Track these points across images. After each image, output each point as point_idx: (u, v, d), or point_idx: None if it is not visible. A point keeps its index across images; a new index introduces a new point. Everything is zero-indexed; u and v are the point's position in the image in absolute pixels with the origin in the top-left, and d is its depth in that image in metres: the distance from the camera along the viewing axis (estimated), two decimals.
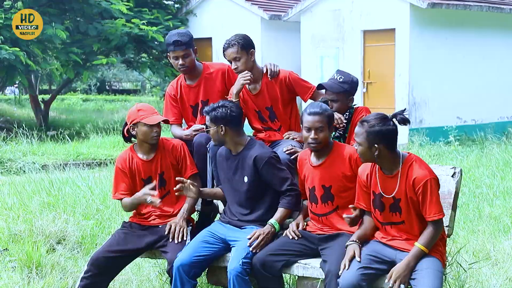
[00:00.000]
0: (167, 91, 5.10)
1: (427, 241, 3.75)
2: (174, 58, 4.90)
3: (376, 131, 3.74)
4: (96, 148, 13.70)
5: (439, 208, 3.75)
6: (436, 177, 3.80)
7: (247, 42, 4.76)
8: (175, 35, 4.89)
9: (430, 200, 3.73)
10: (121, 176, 4.61)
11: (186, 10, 19.41)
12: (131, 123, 4.55)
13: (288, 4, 18.24)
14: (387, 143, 3.77)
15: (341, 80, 4.64)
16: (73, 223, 6.33)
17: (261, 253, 4.13)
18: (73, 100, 30.68)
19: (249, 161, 4.37)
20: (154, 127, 4.52)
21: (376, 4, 14.98)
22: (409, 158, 3.82)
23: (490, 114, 15.82)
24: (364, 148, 3.79)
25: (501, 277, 5.01)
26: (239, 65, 4.72)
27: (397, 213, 3.85)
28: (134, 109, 4.59)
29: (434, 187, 3.75)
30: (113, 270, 4.49)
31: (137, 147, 4.65)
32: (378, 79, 15.20)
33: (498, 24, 15.84)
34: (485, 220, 6.76)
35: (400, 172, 3.80)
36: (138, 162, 4.60)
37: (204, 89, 4.98)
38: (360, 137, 3.79)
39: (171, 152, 4.64)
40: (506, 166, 9.62)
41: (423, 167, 3.78)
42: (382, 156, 3.79)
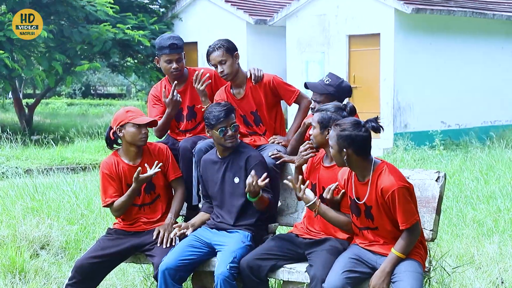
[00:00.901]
0: (151, 92, 5.07)
1: (403, 247, 3.75)
2: (167, 62, 4.87)
3: (345, 135, 3.75)
4: (81, 152, 13.63)
5: (410, 215, 3.72)
6: (404, 185, 3.74)
7: (231, 46, 4.77)
8: (170, 38, 4.87)
9: (399, 209, 3.72)
10: (108, 180, 4.54)
11: (171, 14, 19.40)
12: (118, 125, 4.49)
13: (274, 8, 18.28)
14: (357, 148, 3.76)
15: (328, 82, 4.64)
16: (57, 228, 6.29)
17: (248, 256, 4.14)
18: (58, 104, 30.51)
19: (241, 162, 4.39)
20: (142, 128, 4.49)
21: (361, 9, 15.05)
22: (380, 166, 3.81)
23: (474, 119, 15.94)
24: (334, 151, 3.82)
25: (485, 281, 5.04)
26: (225, 68, 4.72)
27: (369, 220, 3.86)
28: (122, 111, 4.56)
29: (403, 195, 3.71)
30: (97, 276, 4.46)
31: (122, 153, 4.59)
32: (363, 84, 15.26)
33: (481, 30, 15.98)
34: (469, 224, 6.80)
35: (370, 180, 3.80)
36: (124, 167, 4.55)
37: (190, 94, 4.97)
38: (332, 140, 3.82)
39: (157, 155, 4.61)
40: (490, 170, 9.69)
41: (391, 175, 3.75)
42: (351, 161, 3.80)
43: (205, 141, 4.74)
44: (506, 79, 16.51)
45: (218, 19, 18.07)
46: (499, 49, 16.42)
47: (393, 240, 3.83)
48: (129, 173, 4.54)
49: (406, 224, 3.73)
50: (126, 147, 4.55)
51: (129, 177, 4.54)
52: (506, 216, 7.03)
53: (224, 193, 4.45)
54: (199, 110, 4.92)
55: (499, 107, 16.45)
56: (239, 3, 18.08)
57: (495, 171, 9.53)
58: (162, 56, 4.89)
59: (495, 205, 7.52)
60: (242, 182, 4.39)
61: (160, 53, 4.89)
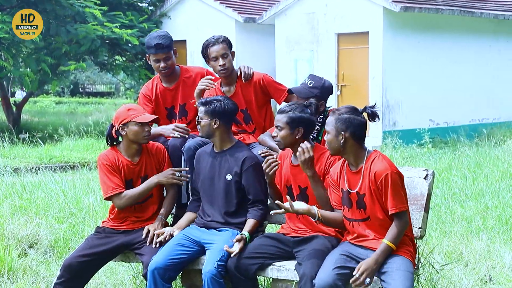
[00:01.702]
0: (142, 91, 5.06)
1: (393, 236, 3.78)
2: (155, 61, 4.88)
3: (345, 118, 3.82)
4: (69, 151, 13.58)
5: (400, 201, 3.77)
6: (397, 171, 3.82)
7: (231, 42, 4.85)
8: (156, 38, 4.85)
9: (390, 193, 3.76)
10: (110, 171, 4.47)
11: (160, 13, 19.35)
12: (121, 123, 4.47)
13: (263, 7, 18.28)
14: (354, 133, 3.82)
15: (311, 85, 4.65)
16: (45, 227, 6.27)
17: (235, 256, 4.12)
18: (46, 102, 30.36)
19: (237, 161, 4.39)
20: (145, 126, 4.47)
21: (350, 7, 15.08)
22: (373, 154, 3.88)
23: (462, 117, 16.02)
24: (331, 136, 3.85)
25: (473, 278, 5.07)
26: (227, 62, 4.73)
27: (361, 210, 3.88)
28: (123, 109, 4.52)
29: (395, 180, 3.76)
30: (86, 275, 4.45)
31: (121, 149, 4.55)
32: (352, 82, 15.30)
33: (469, 28, 16.06)
34: (457, 221, 6.83)
35: (363, 167, 3.84)
36: (124, 162, 4.52)
37: (182, 92, 4.97)
38: (330, 125, 3.86)
39: (155, 155, 4.61)
40: (478, 168, 9.74)
41: (384, 161, 3.82)
42: (348, 146, 3.83)
43: (194, 139, 4.74)
44: (494, 77, 16.60)
45: (207, 17, 18.05)
46: (487, 47, 16.51)
47: (382, 234, 3.84)
48: (127, 170, 4.51)
49: (395, 209, 3.76)
50: (128, 144, 4.52)
51: (127, 173, 4.51)
52: (494, 213, 7.08)
53: (215, 188, 4.44)
54: (190, 109, 4.92)
55: (487, 105, 16.54)
56: (228, 1, 18.06)
57: (483, 169, 9.58)
58: (150, 55, 4.91)
59: (483, 203, 7.56)
60: (233, 181, 4.39)
61: (148, 52, 4.91)
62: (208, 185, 4.48)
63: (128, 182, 4.53)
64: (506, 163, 9.87)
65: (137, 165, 4.55)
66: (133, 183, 4.54)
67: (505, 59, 16.85)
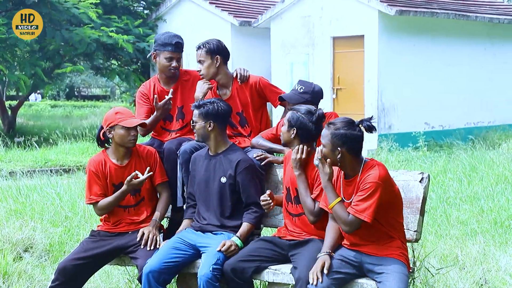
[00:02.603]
0: (140, 90, 5.05)
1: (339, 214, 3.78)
2: (167, 59, 4.86)
3: (341, 134, 3.77)
4: (65, 154, 13.55)
5: (371, 212, 3.68)
6: (384, 185, 3.72)
7: (215, 48, 4.77)
8: (175, 37, 4.87)
9: (363, 198, 3.70)
10: (94, 178, 4.53)
11: (155, 16, 19.35)
12: (108, 126, 4.48)
13: (258, 10, 18.30)
14: (351, 147, 3.79)
15: (302, 90, 4.65)
16: (40, 231, 6.25)
17: (232, 259, 4.14)
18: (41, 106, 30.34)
19: (231, 163, 4.40)
20: (131, 131, 4.48)
21: (345, 10, 15.11)
22: (370, 164, 3.82)
23: (457, 120, 16.05)
24: (328, 150, 3.82)
25: (468, 281, 5.07)
26: (202, 69, 4.77)
27: None
28: (112, 112, 4.54)
29: (376, 190, 3.69)
30: (81, 278, 4.44)
31: (110, 152, 4.58)
32: (347, 85, 15.31)
33: (464, 31, 16.10)
34: (453, 224, 6.84)
35: (359, 176, 3.81)
36: (111, 166, 4.54)
37: (181, 94, 4.97)
38: (325, 139, 3.82)
39: (146, 158, 4.61)
40: (473, 171, 9.76)
41: (377, 171, 3.74)
42: (345, 160, 3.81)
43: (190, 143, 4.74)
44: (489, 81, 16.64)
45: (203, 21, 18.06)
46: (482, 51, 16.56)
47: (376, 241, 3.83)
48: (115, 173, 4.53)
49: (355, 212, 3.70)
50: (116, 147, 4.54)
51: (114, 177, 4.53)
52: (489, 216, 7.09)
53: (210, 191, 4.44)
54: (187, 111, 4.91)
55: (482, 109, 16.58)
56: (223, 4, 18.08)
57: (478, 172, 9.61)
58: (163, 53, 4.86)
59: (478, 206, 7.58)
60: (228, 183, 4.39)
61: (163, 49, 4.85)
62: (204, 188, 4.48)
63: (117, 186, 4.53)
64: (501, 166, 9.89)
65: (125, 168, 4.54)
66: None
67: (500, 63, 16.89)
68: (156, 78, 5.04)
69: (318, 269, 3.79)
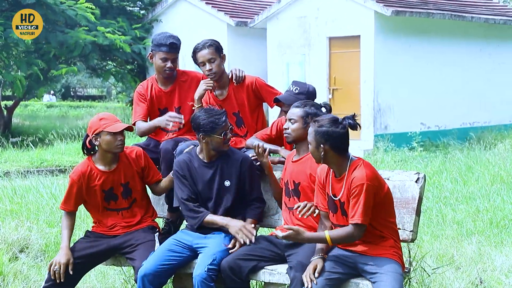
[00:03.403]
0: (137, 90, 5.04)
1: (336, 236, 3.76)
2: (162, 59, 4.84)
3: (323, 131, 3.79)
4: (60, 155, 13.53)
5: (363, 213, 3.70)
6: (373, 183, 3.74)
7: (220, 46, 4.82)
8: (171, 37, 4.86)
9: (356, 202, 3.72)
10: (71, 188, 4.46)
11: (151, 17, 19.33)
12: (94, 133, 4.42)
13: (255, 10, 18.30)
14: (334, 145, 3.80)
15: (297, 91, 4.67)
16: (36, 231, 6.24)
17: (230, 257, 4.14)
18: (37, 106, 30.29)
19: (235, 164, 4.38)
20: (118, 135, 4.41)
21: (341, 11, 15.13)
22: (356, 162, 3.83)
23: (453, 120, 16.08)
24: (312, 147, 3.86)
25: (464, 281, 5.08)
26: (214, 67, 4.73)
27: (345, 217, 3.87)
28: (96, 119, 4.48)
29: (366, 192, 3.71)
30: (74, 277, 4.41)
31: (97, 159, 4.50)
32: (343, 85, 15.33)
33: (460, 32, 16.14)
34: (449, 224, 6.85)
35: (346, 175, 3.83)
36: (98, 173, 4.47)
37: (178, 95, 4.96)
38: (310, 136, 3.86)
39: (136, 160, 4.57)
40: (469, 171, 9.78)
41: (364, 170, 3.76)
42: (328, 157, 3.82)
43: (186, 143, 4.73)
44: (485, 81, 16.68)
45: (199, 21, 18.05)
46: (478, 51, 16.60)
47: (368, 236, 3.83)
48: (104, 179, 4.47)
49: (355, 219, 3.71)
50: (103, 153, 4.47)
51: (104, 183, 4.46)
52: (485, 216, 7.10)
53: (211, 197, 4.41)
54: (185, 112, 4.89)
55: (478, 109, 16.62)
56: (219, 5, 18.07)
57: (474, 172, 9.63)
58: (158, 53, 4.86)
59: (474, 206, 7.59)
60: (233, 185, 4.38)
61: (158, 49, 4.86)
62: (204, 196, 4.42)
63: (107, 192, 4.49)
64: (497, 166, 9.91)
65: (113, 173, 4.49)
66: (114, 191, 4.50)
67: (496, 63, 16.94)
68: (153, 78, 5.03)
69: (311, 272, 3.81)
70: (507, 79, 17.17)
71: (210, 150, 4.38)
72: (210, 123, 4.28)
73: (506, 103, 17.18)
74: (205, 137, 4.33)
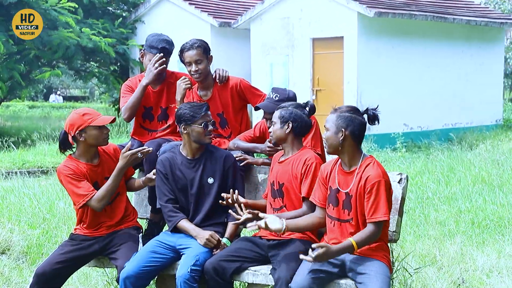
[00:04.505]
0: (125, 83, 5.06)
1: (361, 239, 3.74)
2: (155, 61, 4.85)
3: (346, 116, 3.85)
4: (43, 156, 13.43)
5: (383, 210, 3.75)
6: (388, 180, 3.84)
7: (207, 47, 4.84)
8: (163, 41, 4.89)
9: (375, 200, 3.76)
10: (77, 179, 4.37)
11: (134, 17, 19.25)
12: (78, 130, 4.38)
13: (238, 11, 18.29)
14: (354, 132, 3.85)
15: (277, 98, 4.67)
16: (18, 233, 6.20)
17: (214, 258, 4.13)
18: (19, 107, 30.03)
19: (218, 161, 4.38)
20: (104, 129, 4.43)
21: (324, 12, 15.17)
22: (369, 159, 3.89)
23: (435, 121, 16.19)
24: (331, 133, 3.87)
25: (446, 281, 5.12)
26: (200, 68, 4.73)
27: (346, 210, 3.89)
28: (77, 116, 4.42)
29: (383, 189, 3.77)
30: (59, 280, 4.39)
31: (78, 155, 4.46)
32: (327, 86, 15.37)
33: (442, 33, 16.25)
34: (431, 225, 6.90)
35: (357, 169, 3.85)
36: (85, 168, 4.45)
37: (166, 96, 4.96)
38: (330, 122, 3.88)
39: (114, 154, 4.57)
40: (451, 172, 9.85)
41: (379, 169, 3.83)
42: (345, 145, 3.85)
43: (169, 144, 4.73)
44: (466, 82, 16.82)
45: (182, 22, 18.00)
46: (459, 53, 16.72)
47: None
48: (91, 173, 4.45)
49: (375, 218, 3.74)
50: (86, 149, 4.44)
51: (92, 177, 4.45)
52: (466, 217, 7.16)
53: (195, 195, 4.40)
54: (171, 113, 4.89)
55: (460, 110, 16.74)
56: (203, 5, 18.04)
57: (455, 173, 9.70)
58: (149, 54, 4.89)
59: (456, 206, 7.65)
60: (216, 182, 4.38)
61: (149, 50, 4.88)
62: (187, 193, 4.42)
63: (95, 185, 4.46)
64: (478, 167, 9.99)
65: (97, 167, 4.49)
66: (99, 186, 4.47)
67: (477, 64, 17.08)
68: (143, 76, 5.02)
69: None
70: (488, 80, 17.32)
71: (191, 143, 4.38)
72: (191, 112, 4.32)
73: (487, 104, 17.34)
74: (186, 127, 4.34)
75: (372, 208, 3.76)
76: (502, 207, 7.38)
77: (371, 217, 3.76)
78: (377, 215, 3.75)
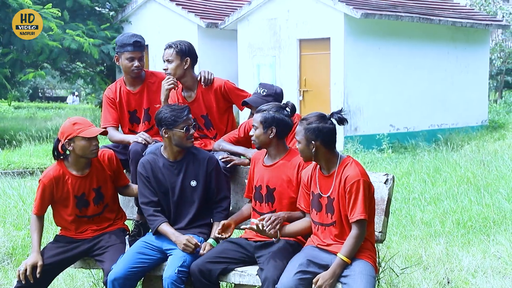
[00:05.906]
0: (106, 94, 5.02)
1: (348, 249, 3.79)
2: (129, 59, 4.85)
3: (313, 128, 3.86)
4: (28, 156, 13.34)
5: (362, 209, 3.78)
6: (367, 180, 3.86)
7: (185, 50, 4.77)
8: (134, 36, 4.87)
9: (354, 200, 3.79)
10: (46, 193, 4.39)
11: (121, 18, 19.19)
12: (67, 138, 4.31)
13: (225, 12, 18.29)
14: (324, 140, 3.87)
15: (264, 93, 4.69)
16: (3, 234, 6.16)
17: (199, 260, 4.12)
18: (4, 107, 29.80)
19: (201, 163, 4.36)
20: (93, 140, 4.33)
21: (311, 13, 15.20)
22: (346, 159, 3.92)
23: (421, 122, 16.26)
24: (302, 146, 3.90)
25: (432, 281, 5.15)
26: (169, 68, 4.75)
27: (328, 214, 3.91)
28: (68, 124, 4.35)
29: (363, 188, 3.79)
30: (44, 281, 4.35)
31: (69, 163, 4.41)
32: (314, 87, 15.40)
33: (428, 35, 16.33)
34: (417, 225, 6.93)
35: (336, 171, 3.88)
36: (71, 178, 4.40)
37: (147, 96, 4.95)
38: (299, 134, 3.90)
39: (108, 164, 4.51)
40: (437, 172, 9.90)
41: (357, 168, 3.86)
42: (320, 153, 3.89)
43: (155, 145, 4.71)
44: (452, 84, 16.91)
45: (169, 22, 17.97)
46: (445, 54, 16.81)
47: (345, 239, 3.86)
48: (76, 184, 4.40)
49: (356, 216, 3.77)
50: (76, 159, 4.38)
51: (76, 188, 4.39)
52: (452, 217, 7.20)
53: (178, 197, 4.38)
54: (153, 113, 4.87)
55: (446, 111, 16.83)
56: (190, 6, 18.02)
57: (441, 174, 9.75)
58: (124, 54, 4.87)
59: (441, 207, 7.69)
60: (200, 185, 4.36)
61: (122, 50, 4.86)
62: (169, 196, 4.39)
63: (79, 197, 4.41)
64: (464, 168, 10.05)
65: (86, 178, 4.43)
66: (86, 197, 4.43)
67: (463, 66, 17.19)
68: (122, 80, 5.02)
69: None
70: (474, 82, 17.43)
71: (173, 146, 4.36)
72: (172, 116, 4.29)
73: (472, 105, 17.45)
74: (167, 131, 4.32)
75: (352, 208, 3.80)
76: (487, 208, 7.43)
77: (352, 217, 3.80)
78: (355, 214, 3.78)
